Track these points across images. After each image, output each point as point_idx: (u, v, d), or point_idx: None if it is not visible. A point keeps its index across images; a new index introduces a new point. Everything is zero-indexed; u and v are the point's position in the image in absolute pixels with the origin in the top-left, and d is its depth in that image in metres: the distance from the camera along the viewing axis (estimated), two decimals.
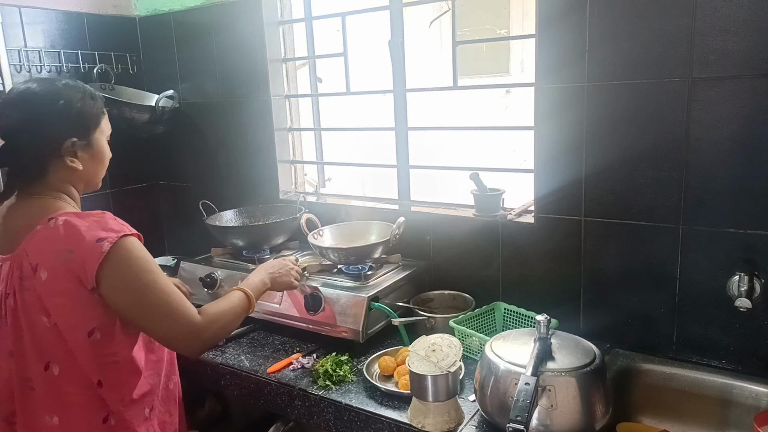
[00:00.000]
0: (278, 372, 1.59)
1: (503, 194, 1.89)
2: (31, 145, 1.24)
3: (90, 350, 1.20)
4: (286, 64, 2.35)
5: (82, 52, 2.34)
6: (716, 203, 1.47)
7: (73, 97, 1.26)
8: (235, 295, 1.42)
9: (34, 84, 1.27)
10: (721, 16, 1.39)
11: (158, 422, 1.36)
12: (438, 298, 1.88)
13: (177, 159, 2.64)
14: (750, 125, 1.41)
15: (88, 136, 1.29)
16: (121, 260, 1.17)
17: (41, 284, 1.16)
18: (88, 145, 1.29)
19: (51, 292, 1.17)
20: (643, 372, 1.56)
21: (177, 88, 2.47)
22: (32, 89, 1.25)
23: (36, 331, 1.19)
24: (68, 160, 1.26)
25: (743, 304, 1.40)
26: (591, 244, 1.67)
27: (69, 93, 1.26)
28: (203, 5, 2.34)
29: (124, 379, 1.26)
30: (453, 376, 1.28)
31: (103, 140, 1.34)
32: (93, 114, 1.30)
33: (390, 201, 2.18)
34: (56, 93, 1.25)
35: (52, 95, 1.25)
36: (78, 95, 1.28)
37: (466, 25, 4.37)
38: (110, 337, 1.22)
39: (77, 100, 1.27)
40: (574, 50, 1.59)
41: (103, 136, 1.33)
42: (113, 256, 1.16)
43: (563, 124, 1.65)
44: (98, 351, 1.21)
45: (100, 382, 1.22)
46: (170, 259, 2.42)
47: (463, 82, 2.05)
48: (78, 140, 1.26)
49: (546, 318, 1.30)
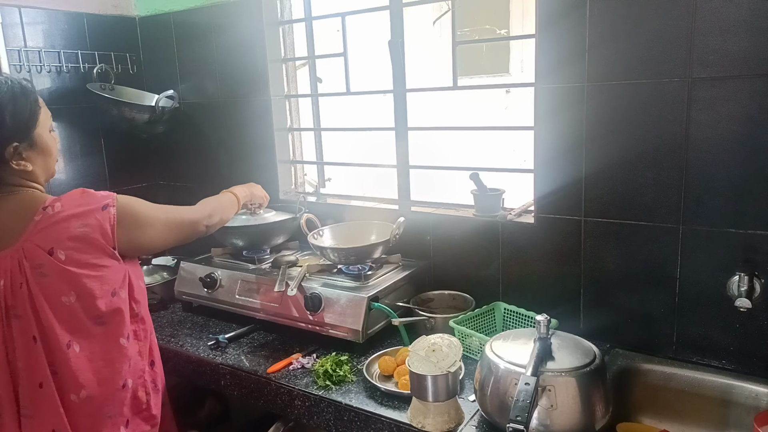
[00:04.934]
0: (278, 372, 1.59)
1: (503, 194, 1.89)
2: None
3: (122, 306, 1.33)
4: (286, 64, 2.35)
5: (82, 52, 2.34)
6: (716, 203, 1.47)
7: (3, 104, 1.23)
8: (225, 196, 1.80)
9: None
10: (721, 16, 1.39)
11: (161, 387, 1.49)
12: (438, 298, 1.88)
13: (177, 159, 2.64)
14: (750, 125, 1.41)
15: (29, 137, 1.28)
16: (126, 213, 1.33)
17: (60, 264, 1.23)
18: (31, 144, 1.29)
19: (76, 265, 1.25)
20: (643, 372, 1.56)
21: (177, 88, 2.47)
22: None
23: (59, 312, 1.25)
24: (14, 164, 1.27)
25: (743, 304, 1.40)
26: (591, 244, 1.67)
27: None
28: (203, 5, 2.34)
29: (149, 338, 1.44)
30: (453, 376, 1.28)
31: (45, 134, 1.32)
32: (27, 114, 1.28)
33: (390, 201, 2.18)
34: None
35: None
36: (7, 100, 1.24)
37: (466, 25, 4.38)
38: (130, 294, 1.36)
39: (7, 105, 1.24)
40: (574, 50, 1.59)
41: (44, 129, 1.32)
42: (121, 213, 1.31)
43: (563, 124, 1.65)
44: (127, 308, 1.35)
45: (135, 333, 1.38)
46: (170, 259, 2.42)
47: (463, 82, 2.05)
48: (19, 143, 1.26)
49: (546, 318, 1.30)
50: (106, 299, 1.29)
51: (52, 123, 1.37)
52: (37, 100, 1.31)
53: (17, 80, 1.29)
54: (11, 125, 1.24)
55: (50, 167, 1.37)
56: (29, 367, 1.25)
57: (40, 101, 1.33)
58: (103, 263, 1.29)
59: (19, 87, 1.28)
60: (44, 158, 1.33)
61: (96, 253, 1.27)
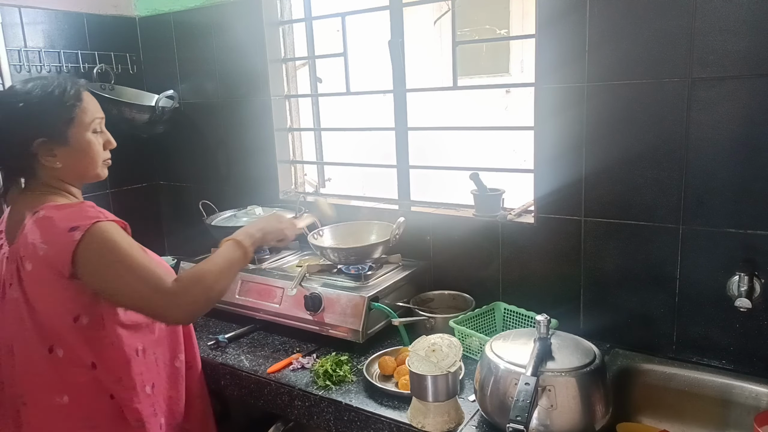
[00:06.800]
0: (278, 372, 1.59)
1: (503, 194, 1.88)
2: (8, 148, 1.28)
3: (80, 334, 1.25)
4: (286, 64, 2.35)
5: (82, 52, 2.34)
6: (716, 203, 1.47)
7: (32, 99, 1.26)
8: (222, 248, 1.36)
9: (17, 84, 1.30)
10: (721, 16, 1.39)
11: (163, 398, 1.42)
12: (438, 298, 1.88)
13: (177, 159, 2.64)
14: (750, 125, 1.41)
15: (61, 133, 1.28)
16: (93, 244, 1.20)
17: (27, 275, 1.23)
18: (64, 142, 1.29)
19: (35, 282, 1.23)
20: (643, 372, 1.56)
21: (177, 88, 2.47)
22: (8, 92, 1.30)
23: (36, 317, 1.25)
24: (43, 160, 1.28)
25: (743, 304, 1.40)
26: (591, 244, 1.67)
27: (29, 95, 1.26)
28: (203, 5, 2.34)
29: (119, 360, 1.30)
30: (453, 376, 1.28)
31: (83, 133, 1.31)
32: (59, 111, 1.28)
33: (390, 201, 2.18)
34: (17, 95, 1.27)
35: (14, 98, 1.27)
36: (37, 95, 1.26)
37: (466, 25, 4.38)
38: (98, 321, 1.27)
39: (36, 101, 1.26)
40: (574, 50, 1.59)
41: (82, 129, 1.31)
42: (86, 242, 1.19)
43: (563, 124, 1.65)
44: (89, 335, 1.26)
45: (93, 364, 1.27)
46: (170, 259, 2.42)
47: (463, 82, 2.05)
48: (48, 139, 1.27)
49: (546, 318, 1.30)
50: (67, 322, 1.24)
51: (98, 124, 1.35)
52: (78, 100, 1.30)
53: (64, 80, 1.31)
54: (38, 119, 1.26)
55: (86, 168, 1.34)
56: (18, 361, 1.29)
57: (87, 102, 1.33)
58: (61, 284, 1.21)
59: (59, 85, 1.29)
60: (78, 158, 1.32)
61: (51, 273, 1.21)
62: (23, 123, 1.26)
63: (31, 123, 1.26)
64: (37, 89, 1.27)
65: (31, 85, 1.28)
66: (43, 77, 1.34)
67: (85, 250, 1.19)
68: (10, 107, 1.26)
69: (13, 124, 1.26)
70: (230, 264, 1.34)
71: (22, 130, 1.26)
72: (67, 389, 1.28)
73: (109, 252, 1.21)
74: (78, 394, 1.28)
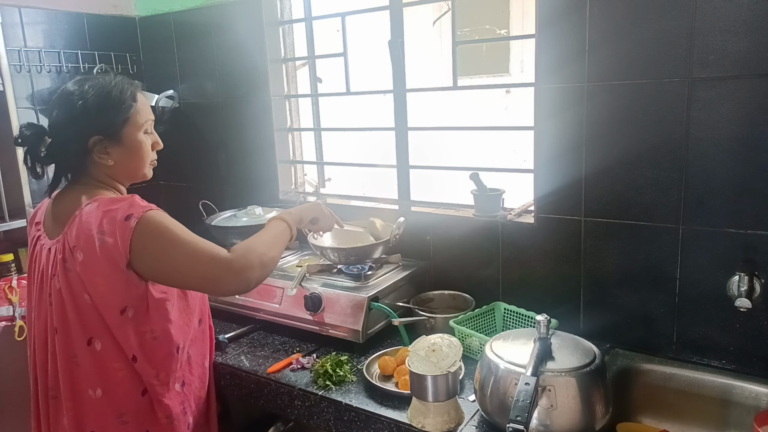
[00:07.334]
0: (278, 372, 1.59)
1: (503, 194, 1.89)
2: (63, 143, 1.33)
3: (125, 327, 1.28)
4: (286, 64, 2.35)
5: (82, 52, 2.34)
6: (716, 203, 1.47)
7: (91, 97, 1.30)
8: (266, 226, 1.45)
9: (72, 84, 1.33)
10: (721, 16, 1.39)
11: (194, 398, 1.45)
12: (438, 298, 1.88)
13: (177, 159, 2.63)
14: (750, 125, 1.41)
15: (115, 132, 1.33)
16: (148, 229, 1.24)
17: (79, 264, 1.25)
18: (117, 140, 1.33)
19: (87, 272, 1.25)
20: (643, 372, 1.56)
21: (177, 88, 2.47)
22: (66, 90, 1.33)
23: (79, 309, 1.27)
24: (97, 157, 1.33)
25: (743, 304, 1.40)
26: (591, 244, 1.67)
27: (89, 93, 1.30)
28: (203, 5, 2.34)
29: (160, 354, 1.33)
30: (453, 376, 1.28)
31: (136, 133, 1.36)
32: (116, 110, 1.32)
33: (390, 201, 2.18)
34: (78, 93, 1.30)
35: (74, 96, 1.30)
36: (96, 95, 1.30)
37: (466, 25, 4.38)
38: (144, 314, 1.29)
39: (95, 99, 1.30)
40: (574, 50, 1.59)
41: (135, 129, 1.35)
42: (140, 228, 1.23)
43: (563, 124, 1.65)
44: (134, 328, 1.29)
45: (135, 357, 1.30)
46: None
47: (463, 82, 2.05)
48: (103, 137, 1.31)
49: (546, 318, 1.30)
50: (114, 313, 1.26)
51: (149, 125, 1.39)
52: (133, 101, 1.34)
53: (121, 81, 1.35)
54: (96, 117, 1.29)
55: (136, 167, 1.39)
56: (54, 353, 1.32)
57: (142, 104, 1.36)
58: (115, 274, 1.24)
59: (117, 86, 1.33)
60: (130, 157, 1.36)
61: (106, 262, 1.23)
62: (82, 121, 1.29)
63: (89, 121, 1.30)
64: (95, 89, 1.31)
65: (88, 85, 1.31)
66: (99, 77, 1.36)
67: (141, 236, 1.23)
68: (70, 105, 1.29)
69: (73, 121, 1.30)
70: (275, 235, 1.43)
71: (80, 128, 1.30)
72: (102, 383, 1.29)
73: (161, 234, 1.26)
74: (113, 388, 1.30)
